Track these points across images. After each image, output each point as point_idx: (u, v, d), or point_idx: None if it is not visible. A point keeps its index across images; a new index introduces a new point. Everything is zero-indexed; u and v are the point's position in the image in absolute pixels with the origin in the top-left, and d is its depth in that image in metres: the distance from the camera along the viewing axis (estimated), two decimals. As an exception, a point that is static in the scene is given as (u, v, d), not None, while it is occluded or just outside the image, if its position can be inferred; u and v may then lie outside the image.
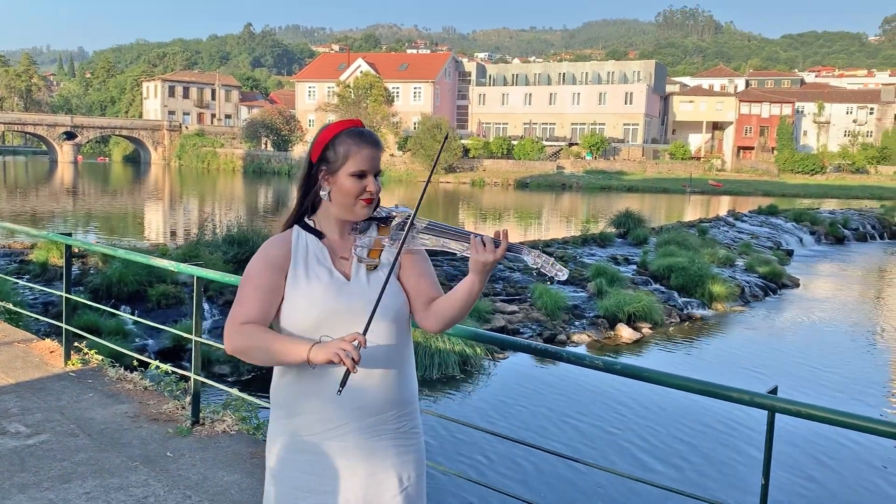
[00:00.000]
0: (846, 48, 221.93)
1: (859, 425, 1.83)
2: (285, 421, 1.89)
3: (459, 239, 1.80)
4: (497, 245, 1.74)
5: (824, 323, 14.27)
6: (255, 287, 1.85)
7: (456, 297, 1.84)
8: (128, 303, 10.90)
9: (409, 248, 1.86)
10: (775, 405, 1.93)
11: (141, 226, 27.45)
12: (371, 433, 1.84)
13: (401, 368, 1.89)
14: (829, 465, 7.20)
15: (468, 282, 1.81)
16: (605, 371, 2.23)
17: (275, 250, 1.89)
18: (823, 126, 77.21)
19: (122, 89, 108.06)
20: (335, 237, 1.91)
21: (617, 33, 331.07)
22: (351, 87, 66.77)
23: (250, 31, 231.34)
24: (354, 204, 1.87)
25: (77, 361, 5.01)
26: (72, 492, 3.25)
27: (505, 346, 10.50)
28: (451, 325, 1.88)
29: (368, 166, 1.85)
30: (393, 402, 1.87)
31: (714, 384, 2.04)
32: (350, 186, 1.85)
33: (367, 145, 1.86)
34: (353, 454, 1.84)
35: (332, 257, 1.89)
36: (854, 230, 29.03)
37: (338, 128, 1.89)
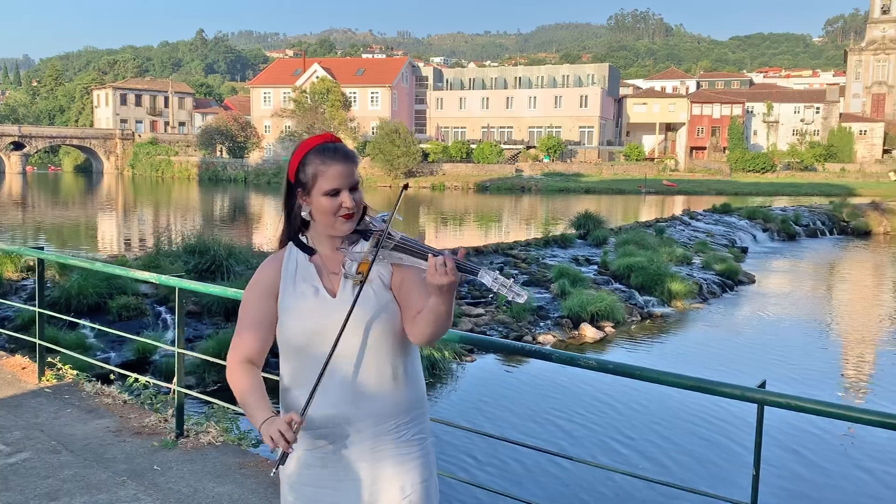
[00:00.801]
0: (792, 49, 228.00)
1: (844, 415, 1.94)
2: None
3: (423, 257, 1.77)
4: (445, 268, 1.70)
5: (780, 317, 14.67)
6: (249, 319, 1.93)
7: (425, 317, 1.82)
8: (88, 315, 10.66)
9: (386, 263, 1.86)
10: (765, 399, 2.02)
11: (95, 237, 26.88)
12: (370, 445, 1.87)
13: (397, 379, 1.89)
14: (816, 454, 7.39)
15: (430, 301, 1.78)
16: (599, 370, 2.31)
17: (266, 273, 1.94)
18: (773, 125, 79.23)
19: (72, 98, 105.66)
20: (327, 252, 1.92)
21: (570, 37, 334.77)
22: (307, 92, 66.34)
23: (202, 37, 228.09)
24: (334, 221, 1.86)
25: (51, 377, 4.93)
26: (61, 509, 3.21)
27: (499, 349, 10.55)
28: (431, 341, 1.86)
29: (340, 183, 1.84)
30: (390, 414, 1.88)
31: (705, 380, 2.14)
32: (326, 205, 1.84)
33: (335, 162, 1.85)
34: (354, 465, 1.86)
35: (322, 273, 1.91)
36: (805, 226, 29.83)
37: (306, 147, 1.88)
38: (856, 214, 31.81)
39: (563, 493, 6.20)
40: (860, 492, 6.80)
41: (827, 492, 6.77)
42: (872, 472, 7.14)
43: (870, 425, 1.85)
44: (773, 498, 5.90)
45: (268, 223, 33.04)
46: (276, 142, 71.18)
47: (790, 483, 6.73)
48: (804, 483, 6.81)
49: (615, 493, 6.23)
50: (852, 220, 31.31)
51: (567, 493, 6.18)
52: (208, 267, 12.99)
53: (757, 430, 2.12)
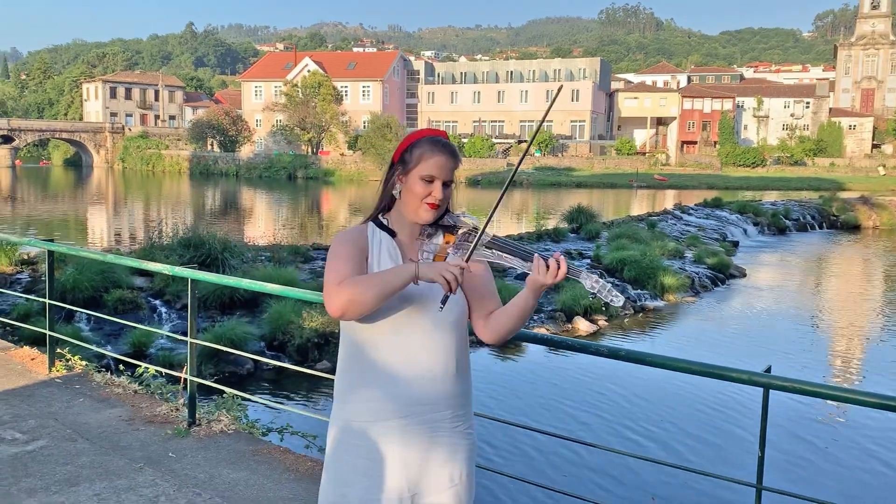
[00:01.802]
0: (782, 44, 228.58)
1: (845, 397, 2.05)
2: (341, 407, 2.02)
3: (521, 257, 1.87)
4: (557, 268, 1.81)
5: (771, 309, 14.85)
6: (345, 257, 1.93)
7: (512, 312, 1.94)
8: (83, 308, 10.71)
9: (473, 260, 1.91)
10: (770, 383, 2.12)
11: (85, 231, 26.80)
12: (427, 427, 1.94)
13: (457, 371, 1.98)
14: (819, 436, 7.58)
15: (523, 298, 1.91)
16: (610, 357, 2.40)
17: (356, 236, 2.00)
18: (763, 120, 79.59)
19: (61, 91, 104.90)
20: (405, 238, 2.01)
21: (561, 31, 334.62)
22: (299, 86, 66.15)
23: (192, 30, 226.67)
24: (419, 206, 1.95)
25: (61, 367, 5.00)
26: (81, 494, 3.30)
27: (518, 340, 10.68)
28: (506, 338, 1.97)
29: (438, 173, 1.94)
30: (449, 402, 1.96)
31: (714, 366, 2.24)
32: (418, 188, 1.94)
33: (441, 154, 1.96)
34: (408, 445, 1.94)
35: (403, 257, 2.00)
36: (795, 221, 30.06)
37: (421, 134, 2.01)
38: (845, 209, 32.07)
39: (571, 474, 6.36)
40: (862, 472, 6.97)
41: (830, 472, 6.93)
42: (873, 452, 7.31)
43: (869, 407, 1.95)
44: (778, 479, 6.04)
45: (260, 217, 32.98)
46: (268, 136, 70.96)
47: (795, 464, 6.90)
48: (808, 464, 6.98)
49: (625, 474, 6.39)
50: (842, 214, 31.57)
51: (576, 475, 6.34)
52: (203, 260, 12.99)
53: (763, 413, 2.22)
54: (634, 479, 6.23)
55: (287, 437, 4.33)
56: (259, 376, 9.43)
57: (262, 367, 9.41)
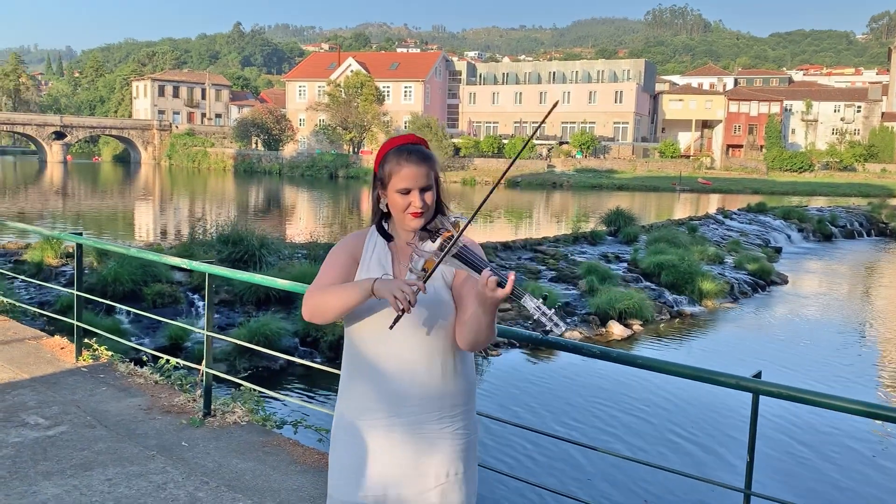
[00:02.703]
0: (834, 46, 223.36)
1: (835, 405, 2.01)
2: (338, 402, 2.10)
3: (479, 270, 1.85)
4: (503, 286, 1.78)
5: (813, 319, 14.51)
6: (332, 264, 2.07)
7: (468, 322, 1.94)
8: (123, 302, 10.95)
9: (447, 266, 1.93)
10: (759, 388, 2.10)
11: (132, 225, 27.45)
12: (413, 426, 1.98)
13: (447, 372, 2.00)
14: (809, 443, 7.55)
15: (473, 312, 1.90)
16: (602, 359, 2.40)
17: (353, 242, 2.11)
18: (811, 124, 77.84)
19: (112, 89, 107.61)
20: (401, 243, 2.06)
21: (606, 32, 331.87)
22: (342, 86, 66.75)
23: (240, 29, 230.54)
24: (404, 217, 2.00)
25: (88, 357, 5.16)
26: (94, 478, 3.42)
27: (506, 337, 10.68)
28: (474, 347, 1.97)
29: (410, 184, 1.97)
30: (434, 401, 1.98)
31: (703, 369, 2.22)
32: (397, 201, 1.99)
33: (409, 164, 1.98)
34: (394, 442, 1.98)
35: (395, 261, 2.05)
36: (842, 227, 29.34)
37: (388, 146, 2.04)
38: (895, 216, 31.22)
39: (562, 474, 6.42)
40: (850, 479, 6.92)
41: (818, 478, 6.90)
42: (861, 460, 7.28)
43: (856, 415, 1.92)
44: (766, 484, 5.97)
45: (301, 215, 33.40)
46: (311, 135, 71.77)
47: (784, 470, 6.88)
48: (797, 470, 6.96)
49: (615, 476, 6.42)
50: (891, 221, 30.73)
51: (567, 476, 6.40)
52: (241, 256, 13.24)
53: (752, 418, 2.20)
54: (624, 480, 6.26)
55: (301, 430, 4.42)
56: (291, 371, 9.56)
57: (293, 363, 9.55)
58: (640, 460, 2.95)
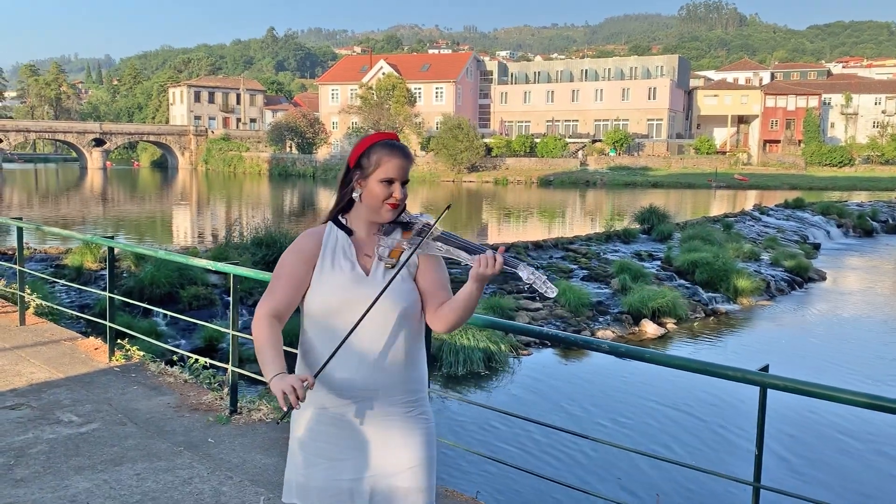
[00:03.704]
0: (874, 38, 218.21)
1: (841, 398, 2.00)
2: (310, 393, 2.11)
3: (467, 251, 1.97)
4: (494, 261, 1.90)
5: (851, 316, 14.22)
6: (284, 278, 2.10)
7: (457, 303, 2.03)
8: (160, 304, 11.15)
9: (423, 253, 2.06)
10: (765, 381, 2.10)
11: (170, 229, 27.96)
12: (381, 414, 2.05)
13: (409, 359, 2.08)
14: (818, 436, 7.53)
15: (468, 289, 1.99)
16: (611, 354, 2.41)
17: (307, 242, 2.14)
18: (851, 117, 76.17)
19: (149, 95, 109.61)
20: (362, 235, 2.13)
21: (639, 28, 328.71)
22: (373, 88, 67.18)
23: (273, 34, 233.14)
24: (381, 207, 2.07)
25: (120, 357, 5.31)
26: (123, 473, 3.54)
27: (516, 332, 10.67)
28: (454, 328, 2.06)
29: (396, 174, 2.07)
30: (400, 389, 2.07)
31: (710, 363, 2.22)
32: (378, 191, 2.06)
33: (397, 156, 2.08)
34: (364, 430, 2.05)
35: (358, 253, 2.11)
36: (883, 222, 28.70)
37: (374, 139, 2.13)
38: (938, 209, 30.47)
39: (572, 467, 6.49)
40: (859, 472, 6.86)
41: (827, 471, 6.85)
42: (870, 452, 7.21)
43: (863, 407, 1.91)
44: (775, 477, 5.92)
45: (334, 217, 33.56)
46: (343, 138, 72.31)
47: (793, 463, 6.83)
48: (806, 463, 6.91)
49: (626, 469, 6.47)
50: (935, 215, 29.99)
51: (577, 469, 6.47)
52: (275, 259, 13.41)
53: (760, 411, 2.20)
54: (635, 475, 6.29)
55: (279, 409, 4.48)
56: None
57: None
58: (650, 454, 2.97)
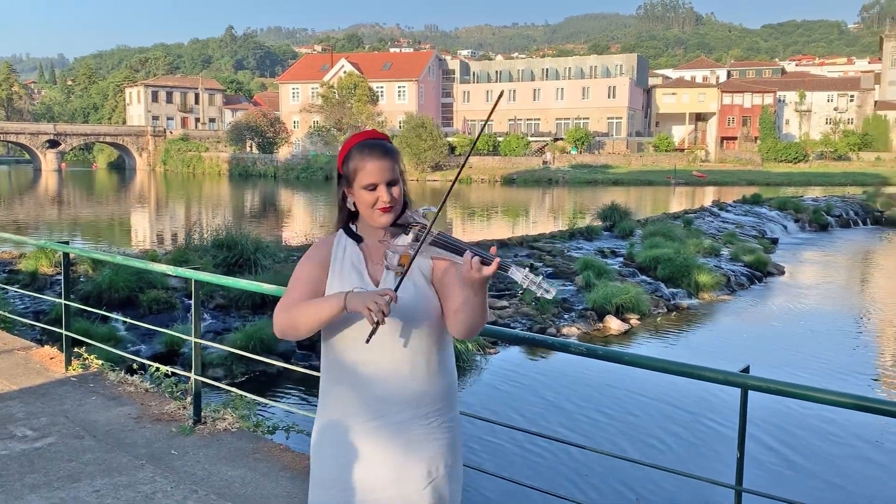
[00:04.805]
0: (826, 36, 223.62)
1: (823, 398, 1.98)
2: (320, 411, 2.06)
3: (460, 253, 1.84)
4: (488, 264, 1.78)
5: (810, 309, 14.47)
6: (301, 279, 2.04)
7: (461, 310, 1.91)
8: (119, 309, 10.86)
9: (428, 257, 1.93)
10: (747, 383, 2.07)
11: (128, 232, 27.38)
12: (400, 426, 1.95)
13: (430, 369, 1.98)
14: (800, 437, 7.51)
15: (465, 298, 1.88)
16: (588, 356, 2.37)
17: (318, 251, 2.07)
18: (805, 114, 77.88)
19: (105, 96, 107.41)
20: (372, 242, 2.03)
21: (598, 27, 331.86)
22: (335, 87, 66.74)
23: (232, 33, 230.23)
24: (372, 213, 1.97)
25: (77, 366, 5.11)
26: (82, 490, 3.38)
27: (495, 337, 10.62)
28: (470, 334, 1.94)
29: (377, 178, 1.95)
30: (420, 400, 1.96)
31: (691, 365, 2.18)
32: (365, 198, 1.96)
33: (372, 158, 1.96)
34: (385, 443, 1.95)
35: (367, 262, 2.02)
36: (837, 217, 29.34)
37: (351, 142, 2.02)
38: (890, 204, 31.27)
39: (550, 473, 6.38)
40: (841, 473, 6.88)
41: (809, 473, 6.86)
42: (852, 453, 7.24)
43: (846, 408, 1.89)
44: (757, 479, 5.94)
45: (297, 217, 33.34)
46: (305, 137, 71.72)
47: (774, 465, 6.83)
48: (788, 465, 6.90)
49: (605, 474, 6.38)
50: (886, 209, 30.76)
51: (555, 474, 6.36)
52: (236, 261, 13.18)
53: (741, 413, 2.17)
54: (614, 479, 6.19)
55: (293, 435, 4.38)
56: (288, 375, 9.49)
57: (291, 366, 9.50)
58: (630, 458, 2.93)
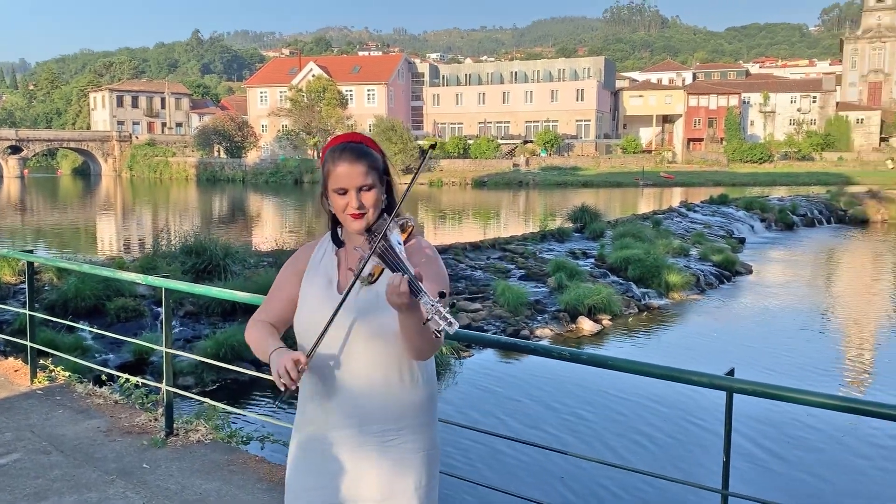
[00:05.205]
0: (788, 39, 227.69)
1: (809, 401, 1.97)
2: (298, 422, 2.02)
3: (395, 270, 1.70)
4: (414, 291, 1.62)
5: (777, 307, 14.68)
6: (275, 290, 2.06)
7: (400, 332, 1.80)
8: (86, 318, 10.64)
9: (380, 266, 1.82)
10: (733, 386, 2.05)
11: (94, 239, 26.89)
12: (374, 441, 1.88)
13: (403, 379, 1.89)
14: (784, 439, 7.52)
15: (400, 321, 1.76)
16: (572, 361, 2.33)
17: (299, 255, 2.07)
18: (769, 115, 79.18)
19: (68, 101, 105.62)
20: (350, 248, 1.96)
21: (566, 30, 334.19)
22: (304, 91, 66.32)
23: (198, 37, 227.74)
24: (345, 219, 1.91)
25: (43, 379, 4.96)
26: (49, 508, 3.25)
27: (476, 343, 10.57)
28: (419, 356, 1.83)
29: (345, 183, 1.87)
30: (395, 412, 1.88)
31: (676, 369, 2.16)
32: (337, 202, 1.91)
33: (342, 162, 1.88)
34: (352, 456, 1.90)
35: (341, 268, 1.96)
36: (802, 216, 29.84)
37: (329, 145, 1.95)
38: (853, 203, 31.84)
39: (536, 480, 6.30)
40: (828, 475, 6.92)
41: (796, 476, 6.88)
42: (839, 455, 7.28)
43: (830, 410, 1.88)
44: (744, 483, 5.96)
45: (266, 222, 33.03)
46: (274, 141, 71.17)
47: (761, 468, 6.84)
48: (774, 468, 6.92)
49: (591, 480, 6.32)
50: (850, 208, 31.33)
51: (541, 482, 6.28)
52: (205, 267, 13.00)
53: (726, 416, 2.15)
54: (599, 485, 6.13)
55: (268, 445, 4.29)
56: (261, 383, 9.35)
57: (262, 373, 9.35)
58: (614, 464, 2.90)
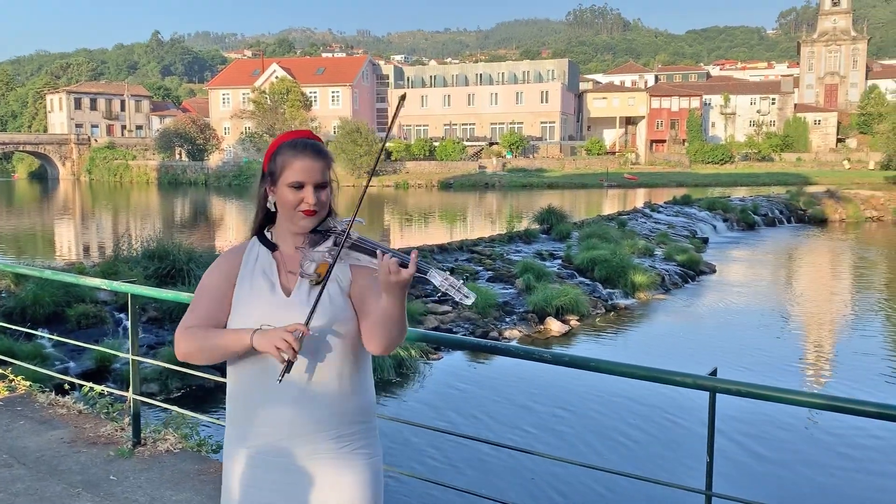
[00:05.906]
0: (747, 42, 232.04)
1: (793, 399, 1.97)
2: (228, 430, 1.90)
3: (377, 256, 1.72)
4: (406, 266, 1.66)
5: (742, 306, 14.92)
6: (204, 294, 1.89)
7: (377, 320, 1.79)
8: (45, 325, 10.38)
9: (347, 265, 1.82)
10: (716, 386, 2.05)
11: (53, 244, 26.28)
12: (309, 451, 1.81)
13: (341, 387, 1.83)
14: (768, 439, 7.56)
15: (381, 303, 1.75)
16: (554, 363, 2.31)
17: (227, 260, 1.92)
18: (730, 117, 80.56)
19: (24, 103, 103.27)
20: (288, 251, 1.88)
21: (529, 33, 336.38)
22: (267, 93, 65.72)
23: (158, 38, 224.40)
24: (294, 215, 1.84)
25: (3, 388, 4.80)
26: (12, 524, 3.13)
27: (454, 346, 10.53)
28: (388, 348, 1.81)
29: (305, 177, 1.82)
30: (330, 422, 1.82)
31: (659, 370, 2.15)
32: (288, 197, 1.83)
33: (304, 156, 1.84)
34: (291, 470, 1.81)
35: (281, 271, 1.87)
36: (764, 216, 30.40)
37: (282, 139, 1.89)
38: (812, 203, 32.51)
39: (522, 485, 6.24)
40: (812, 474, 6.98)
41: (780, 476, 6.91)
42: (822, 454, 7.33)
43: (814, 408, 1.88)
44: (727, 484, 6.00)
45: (229, 225, 32.63)
46: (236, 143, 70.38)
47: (744, 468, 6.86)
48: (758, 468, 6.95)
49: (573, 483, 6.28)
50: (809, 208, 31.99)
51: (526, 486, 6.22)
52: (168, 272, 12.79)
53: (709, 416, 2.15)
54: (582, 488, 6.12)
55: None
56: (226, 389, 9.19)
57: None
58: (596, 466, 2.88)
